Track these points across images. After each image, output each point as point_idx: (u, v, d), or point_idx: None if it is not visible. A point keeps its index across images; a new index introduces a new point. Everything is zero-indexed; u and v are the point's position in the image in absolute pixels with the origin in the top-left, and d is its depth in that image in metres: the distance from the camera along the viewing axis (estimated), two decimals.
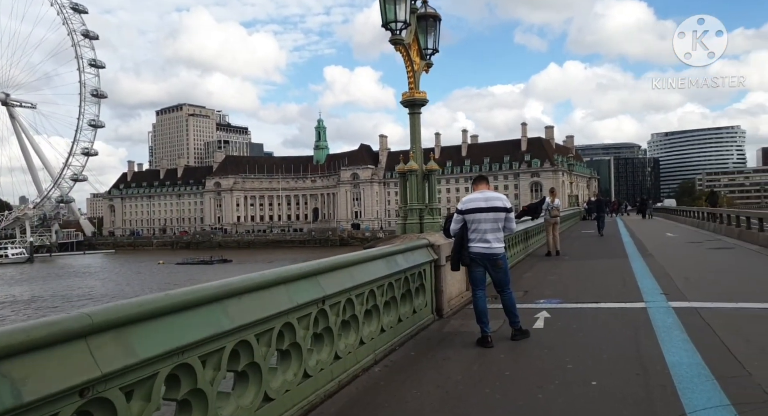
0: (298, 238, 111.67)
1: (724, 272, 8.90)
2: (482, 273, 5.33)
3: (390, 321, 5.10)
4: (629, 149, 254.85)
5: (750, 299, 6.41)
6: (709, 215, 21.78)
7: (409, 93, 7.43)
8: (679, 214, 32.75)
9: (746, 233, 14.57)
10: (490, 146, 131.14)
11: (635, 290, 7.66)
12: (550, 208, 13.81)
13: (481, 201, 5.25)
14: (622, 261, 11.32)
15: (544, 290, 8.26)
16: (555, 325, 5.89)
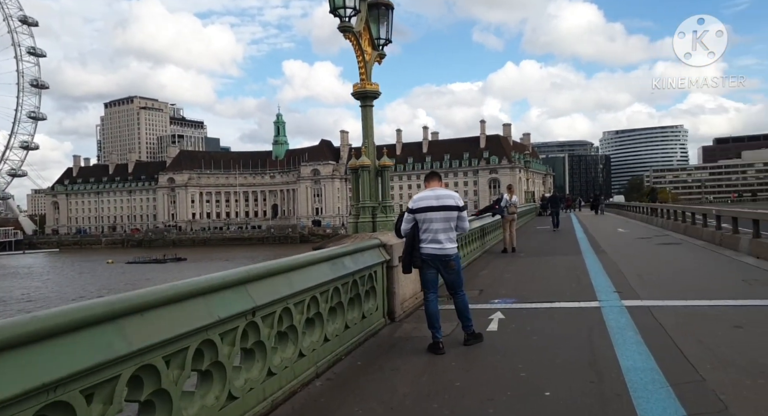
0: (256, 235, 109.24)
1: (674, 269, 9.03)
2: (434, 275, 5.04)
3: (335, 329, 4.72)
4: (582, 146, 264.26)
5: (698, 296, 6.42)
6: (658, 210, 22.53)
7: (360, 84, 7.05)
8: (628, 210, 33.93)
9: (691, 228, 15.05)
10: (450, 143, 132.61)
11: (589, 288, 7.60)
12: (507, 205, 13.79)
13: (432, 199, 4.95)
14: (576, 258, 11.38)
15: (500, 289, 8.10)
16: (509, 327, 5.68)
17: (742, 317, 5.25)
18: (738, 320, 5.15)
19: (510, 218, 13.81)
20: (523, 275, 9.53)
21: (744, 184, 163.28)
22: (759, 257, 9.37)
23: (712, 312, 5.54)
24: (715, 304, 5.89)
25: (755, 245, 9.82)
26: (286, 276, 3.93)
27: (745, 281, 7.14)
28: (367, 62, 7.04)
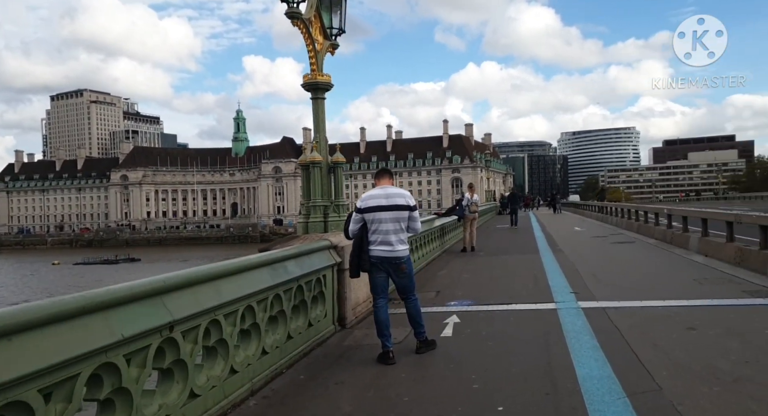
0: (215, 235, 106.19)
1: (628, 268, 9.08)
2: (384, 279, 4.71)
3: (276, 341, 4.32)
4: (541, 146, 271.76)
5: (652, 296, 6.38)
6: (613, 209, 23.10)
7: (311, 75, 6.64)
8: (585, 208, 34.82)
9: (644, 227, 15.40)
10: (413, 142, 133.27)
11: (546, 288, 7.48)
12: (469, 204, 13.68)
13: (382, 198, 4.62)
14: (533, 257, 11.34)
15: (457, 291, 7.88)
16: (464, 332, 5.43)
17: (695, 318, 5.19)
18: (691, 321, 5.08)
19: (471, 217, 13.71)
20: (480, 276, 9.36)
21: (690, 184, 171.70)
22: (707, 255, 9.55)
23: (665, 313, 5.47)
24: (669, 305, 5.83)
25: (704, 243, 10.03)
26: (214, 285, 3.50)
27: (696, 280, 7.19)
28: (318, 52, 6.64)
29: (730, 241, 8.84)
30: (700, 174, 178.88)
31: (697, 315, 5.27)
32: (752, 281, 6.80)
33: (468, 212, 13.67)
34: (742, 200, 54.49)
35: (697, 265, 8.75)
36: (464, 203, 13.78)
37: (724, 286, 6.67)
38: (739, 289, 6.38)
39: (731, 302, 5.73)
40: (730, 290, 6.34)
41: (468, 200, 13.75)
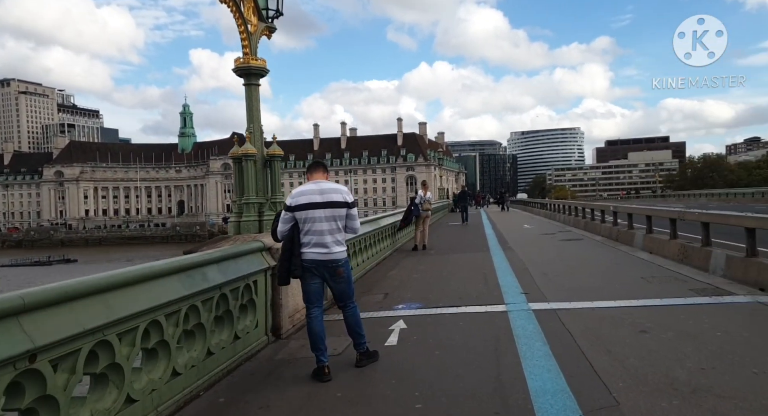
0: (160, 234, 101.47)
1: (577, 266, 9.00)
2: (319, 286, 4.20)
3: (192, 359, 3.72)
4: (492, 146, 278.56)
5: (602, 296, 6.21)
6: (561, 206, 23.56)
7: (243, 59, 6.01)
8: (533, 206, 35.57)
9: (591, 224, 15.64)
10: (368, 140, 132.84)
11: (496, 289, 7.21)
12: (422, 201, 13.37)
13: (316, 194, 4.10)
14: (484, 255, 11.15)
15: (406, 293, 7.48)
16: (410, 339, 5.02)
17: (646, 319, 5.00)
18: (642, 323, 4.88)
19: (424, 214, 13.42)
20: (431, 275, 9.02)
21: (630, 182, 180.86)
22: (652, 252, 9.64)
23: (617, 315, 5.26)
24: (619, 305, 5.65)
25: (648, 240, 10.14)
26: (103, 298, 2.89)
27: (643, 278, 7.11)
28: (252, 34, 6.02)
29: (674, 238, 8.93)
30: (638, 173, 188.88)
31: (648, 317, 5.10)
32: (697, 279, 6.78)
33: (421, 210, 13.38)
34: (676, 197, 57.65)
35: (643, 262, 8.78)
36: (417, 201, 13.47)
37: (671, 284, 6.60)
38: (685, 287, 6.32)
39: (680, 301, 5.62)
40: (678, 289, 6.27)
41: (421, 198, 13.45)
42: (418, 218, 13.40)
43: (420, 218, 13.38)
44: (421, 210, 13.30)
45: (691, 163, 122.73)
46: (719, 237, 8.31)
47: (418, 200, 13.38)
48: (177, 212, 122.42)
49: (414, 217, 13.45)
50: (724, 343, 4.12)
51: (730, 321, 4.76)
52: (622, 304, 5.69)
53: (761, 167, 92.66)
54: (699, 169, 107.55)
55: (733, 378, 3.40)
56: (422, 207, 13.28)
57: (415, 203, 13.37)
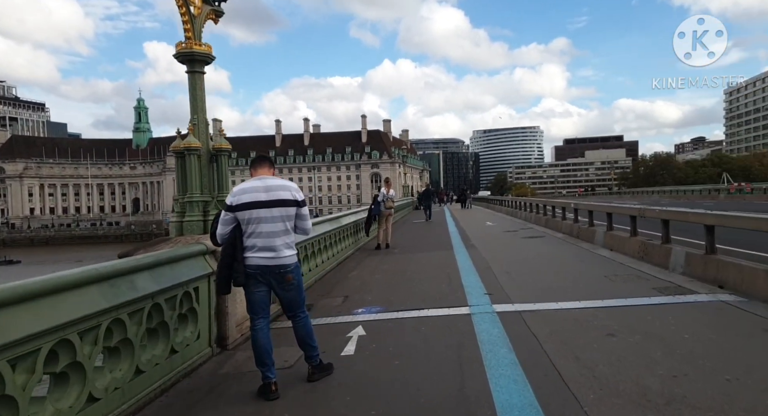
0: (113, 233, 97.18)
1: (540, 265, 8.88)
2: (265, 294, 3.78)
3: (115, 381, 3.25)
4: (455, 144, 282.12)
5: (566, 296, 6.05)
6: (522, 204, 23.78)
7: (185, 44, 5.49)
8: (495, 203, 35.94)
9: (552, 221, 15.74)
10: (332, 137, 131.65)
11: (460, 289, 6.96)
12: (384, 199, 13.04)
13: (261, 192, 3.68)
14: (448, 254, 10.93)
15: (367, 295, 7.14)
16: (369, 348, 4.67)
17: (612, 321, 4.84)
18: (609, 325, 4.71)
19: (387, 213, 13.11)
20: (394, 276, 8.70)
21: (587, 180, 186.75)
22: (612, 249, 9.66)
23: (582, 317, 5.08)
24: (584, 306, 5.49)
25: (609, 237, 10.17)
26: None
27: (606, 277, 7.03)
28: (195, 17, 5.51)
29: (634, 235, 8.95)
30: (595, 171, 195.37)
31: (614, 318, 4.94)
32: (658, 277, 6.74)
33: (384, 208, 13.05)
34: (631, 195, 59.84)
35: (605, 260, 8.75)
36: (380, 198, 13.13)
37: (634, 283, 6.52)
38: (648, 286, 6.24)
39: (644, 301, 5.51)
40: (641, 288, 6.18)
41: (384, 195, 13.12)
42: (381, 216, 13.10)
43: (383, 216, 13.09)
44: (384, 208, 13.01)
45: (643, 161, 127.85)
46: (677, 234, 8.37)
47: (381, 197, 13.08)
48: (132, 211, 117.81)
49: (376, 215, 13.13)
50: (692, 346, 3.97)
51: (696, 322, 4.65)
52: (587, 305, 5.53)
53: (706, 166, 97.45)
54: (650, 167, 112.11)
55: (706, 386, 3.22)
56: (385, 205, 12.99)
57: (377, 201, 13.06)
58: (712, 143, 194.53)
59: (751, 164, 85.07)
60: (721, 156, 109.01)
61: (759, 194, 32.98)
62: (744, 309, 4.89)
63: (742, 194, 35.10)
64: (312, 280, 8.38)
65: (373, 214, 13.12)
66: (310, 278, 8.31)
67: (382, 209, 13.02)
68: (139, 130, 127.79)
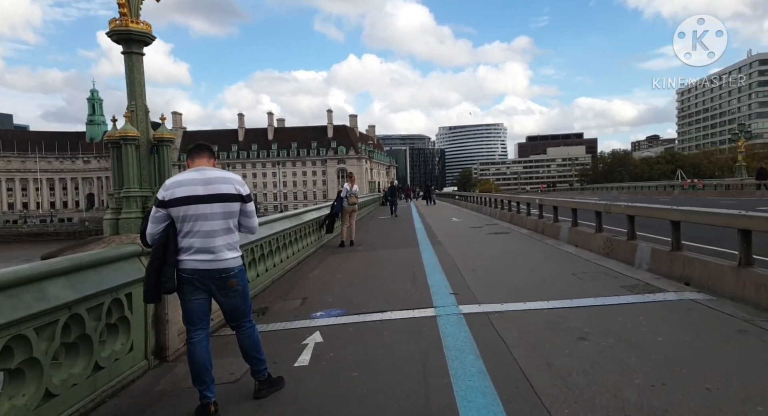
0: (65, 230, 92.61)
1: (506, 262, 8.69)
2: (203, 302, 3.32)
3: (15, 410, 2.72)
4: (421, 140, 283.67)
5: (534, 296, 5.83)
6: (487, 200, 23.81)
7: (120, 21, 4.97)
8: (460, 199, 36.06)
9: (517, 217, 15.70)
10: (297, 131, 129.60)
11: (425, 289, 6.64)
12: (348, 195, 12.62)
13: (198, 185, 3.22)
14: (413, 251, 10.63)
15: (327, 296, 6.73)
16: (326, 357, 4.28)
17: (583, 323, 4.61)
18: (580, 328, 4.48)
19: (351, 209, 12.68)
20: (357, 275, 8.31)
21: (548, 176, 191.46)
22: (578, 245, 9.59)
23: (551, 318, 4.84)
24: (553, 307, 5.26)
25: (573, 233, 10.11)
26: None
27: (574, 275, 6.86)
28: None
29: (599, 231, 8.87)
30: (556, 167, 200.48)
31: (584, 319, 4.71)
32: (626, 274, 6.61)
33: (347, 204, 12.63)
34: (591, 190, 61.50)
35: (571, 256, 8.62)
36: (343, 194, 12.71)
37: (602, 281, 6.36)
38: (616, 284, 6.09)
39: (614, 300, 5.33)
40: (609, 286, 6.02)
41: (347, 191, 12.69)
42: (344, 212, 12.68)
43: (346, 213, 12.67)
44: (347, 204, 12.60)
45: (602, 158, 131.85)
46: (641, 230, 8.33)
47: (344, 193, 12.65)
48: (86, 206, 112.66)
49: (339, 212, 12.71)
50: (667, 351, 3.76)
51: (667, 323, 4.47)
52: (555, 305, 5.30)
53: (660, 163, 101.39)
54: (609, 164, 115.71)
55: (686, 396, 2.99)
56: (348, 201, 12.58)
57: (341, 197, 12.64)
58: (665, 141, 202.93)
59: (700, 161, 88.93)
60: (673, 154, 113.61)
61: (710, 190, 34.40)
62: (714, 308, 4.76)
63: (695, 190, 36.53)
64: (269, 280, 7.90)
65: (335, 211, 12.69)
66: (267, 278, 7.83)
67: (346, 205, 12.62)
68: (93, 122, 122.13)
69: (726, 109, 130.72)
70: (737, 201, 24.24)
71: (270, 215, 8.82)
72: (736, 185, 31.57)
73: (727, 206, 14.20)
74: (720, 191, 32.43)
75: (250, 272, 7.13)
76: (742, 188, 29.89)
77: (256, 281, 7.30)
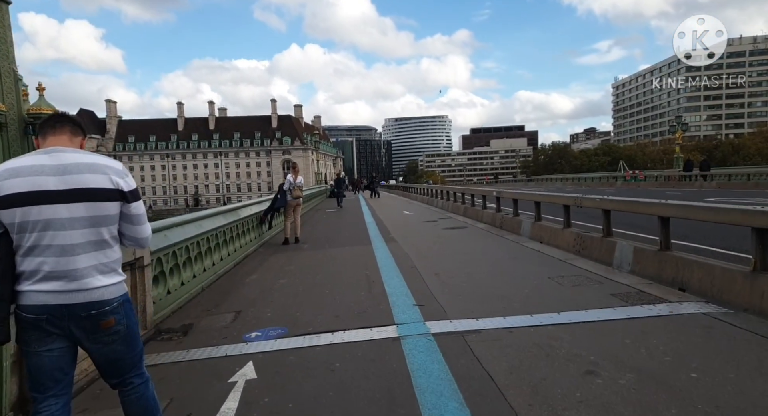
0: None
1: (471, 262, 7.79)
2: (61, 356, 2.16)
3: None
4: (368, 131, 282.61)
5: (513, 307, 4.98)
6: (438, 192, 23.18)
7: None
8: (410, 191, 35.41)
9: (471, 210, 15.04)
10: (240, 121, 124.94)
11: (383, 298, 5.65)
12: (291, 187, 11.38)
13: (49, 175, 2.06)
14: (365, 249, 9.62)
15: (266, 309, 5.60)
16: (259, 404, 3.21)
17: (584, 348, 3.74)
18: (583, 355, 3.60)
19: (295, 202, 11.45)
20: (302, 280, 7.20)
21: (492, 168, 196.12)
22: (542, 242, 8.93)
23: (544, 341, 3.96)
24: (540, 323, 4.40)
25: (537, 229, 9.44)
26: None
27: (551, 279, 6.07)
28: None
29: (568, 227, 8.23)
30: (499, 159, 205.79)
31: (583, 342, 3.87)
32: (610, 278, 5.88)
33: (290, 197, 11.41)
34: (535, 182, 62.88)
35: (540, 256, 7.86)
36: (286, 186, 11.47)
37: (587, 288, 5.58)
38: (605, 291, 5.31)
39: (610, 314, 4.52)
40: (597, 295, 5.23)
41: (291, 183, 11.44)
42: (288, 206, 11.46)
43: (290, 207, 11.46)
44: (291, 197, 11.38)
45: (543, 150, 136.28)
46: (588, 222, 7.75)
47: (287, 185, 11.42)
48: None
49: (281, 206, 11.47)
50: (715, 394, 2.89)
51: (691, 348, 3.62)
52: (542, 320, 4.45)
53: (598, 155, 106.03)
54: (550, 156, 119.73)
55: None
56: (292, 194, 11.36)
57: (283, 190, 11.40)
58: (602, 133, 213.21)
59: (635, 153, 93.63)
60: (610, 146, 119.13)
61: (651, 181, 35.66)
62: (738, 326, 3.96)
63: (637, 181, 37.84)
64: (198, 288, 6.66)
65: (278, 205, 11.44)
66: (195, 285, 6.57)
67: (289, 199, 11.40)
68: None
69: (657, 103, 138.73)
70: (681, 192, 24.97)
71: (199, 211, 7.51)
72: (674, 176, 32.82)
73: (673, 197, 14.25)
74: (660, 182, 33.61)
75: (172, 281, 5.87)
76: (680, 180, 31.07)
77: (180, 290, 6.05)
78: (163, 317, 5.40)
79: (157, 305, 5.29)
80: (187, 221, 6.65)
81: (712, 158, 56.74)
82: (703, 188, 27.34)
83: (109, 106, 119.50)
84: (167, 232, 5.85)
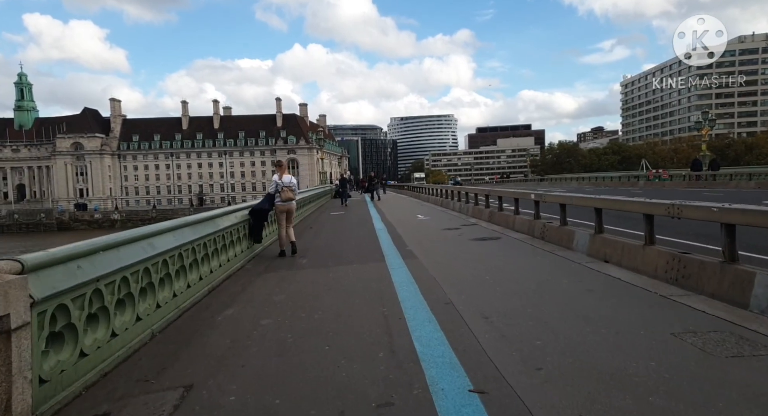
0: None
1: (527, 295, 5.57)
2: None
3: None
4: (373, 130, 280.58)
5: (631, 385, 2.94)
6: (453, 193, 21.11)
7: None
8: (419, 191, 33.35)
9: (498, 215, 12.95)
10: (245, 120, 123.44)
11: (415, 372, 3.59)
12: (279, 189, 9.30)
13: None
14: (378, 269, 7.59)
15: (230, 385, 3.60)
16: None
17: None
18: None
19: (285, 207, 9.34)
20: (293, 322, 5.17)
21: (499, 167, 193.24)
22: (609, 261, 6.86)
23: None
24: None
25: (600, 243, 7.35)
26: None
27: (677, 337, 3.96)
28: None
29: (651, 244, 6.14)
30: (506, 158, 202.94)
31: None
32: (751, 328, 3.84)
33: (280, 201, 9.31)
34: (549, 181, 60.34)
35: (626, 287, 5.62)
36: (272, 189, 9.33)
37: (749, 361, 3.51)
38: None
39: None
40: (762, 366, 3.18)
41: (278, 184, 9.26)
42: (277, 210, 9.37)
43: (280, 213, 9.35)
44: (280, 201, 9.28)
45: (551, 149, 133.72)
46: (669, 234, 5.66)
47: (273, 188, 9.28)
48: (16, 198, 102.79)
49: (268, 213, 9.44)
50: None
51: None
52: None
53: (607, 153, 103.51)
54: (558, 155, 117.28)
55: None
56: (281, 196, 9.24)
57: (270, 193, 9.30)
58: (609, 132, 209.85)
59: (645, 152, 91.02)
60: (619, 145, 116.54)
61: (678, 181, 33.33)
62: None
63: (661, 180, 35.53)
64: (147, 333, 4.67)
65: (264, 211, 9.34)
66: (139, 333, 4.57)
67: (279, 203, 9.29)
68: (22, 108, 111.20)
69: (667, 101, 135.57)
70: (722, 193, 22.65)
71: (148, 226, 5.43)
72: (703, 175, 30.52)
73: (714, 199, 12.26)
74: (688, 182, 31.33)
75: (93, 335, 3.87)
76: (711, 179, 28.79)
77: (110, 346, 4.05)
78: (64, 401, 3.39)
79: (50, 384, 3.28)
80: (127, 240, 4.63)
81: (724, 157, 54.36)
82: (740, 187, 25.06)
83: (114, 104, 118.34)
84: (83, 261, 3.82)
